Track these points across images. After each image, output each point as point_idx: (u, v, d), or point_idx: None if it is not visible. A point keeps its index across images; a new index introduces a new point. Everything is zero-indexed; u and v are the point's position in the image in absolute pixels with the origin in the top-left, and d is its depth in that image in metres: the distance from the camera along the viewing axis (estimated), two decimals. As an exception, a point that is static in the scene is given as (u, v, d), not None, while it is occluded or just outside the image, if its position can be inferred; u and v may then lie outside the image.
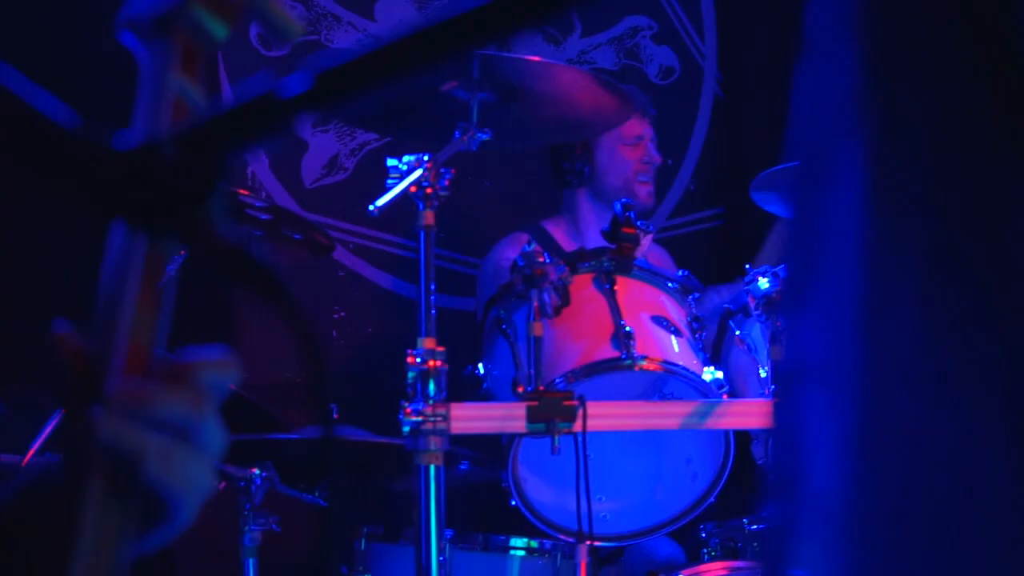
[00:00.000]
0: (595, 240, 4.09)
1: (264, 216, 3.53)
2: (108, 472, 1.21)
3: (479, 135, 3.64)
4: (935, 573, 0.79)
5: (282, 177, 5.24)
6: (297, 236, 3.72)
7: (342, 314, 5.19)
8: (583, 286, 3.82)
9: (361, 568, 3.87)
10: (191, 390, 1.27)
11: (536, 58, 3.77)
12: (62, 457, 1.32)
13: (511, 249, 4.55)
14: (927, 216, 0.78)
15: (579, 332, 3.76)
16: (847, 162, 0.80)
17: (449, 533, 3.51)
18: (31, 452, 1.33)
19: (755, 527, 4.20)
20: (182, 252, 1.09)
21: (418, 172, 3.50)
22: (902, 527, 0.80)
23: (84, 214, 1.07)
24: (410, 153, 3.55)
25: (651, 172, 4.97)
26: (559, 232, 4.78)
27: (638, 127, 4.95)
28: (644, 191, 4.83)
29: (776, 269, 4.06)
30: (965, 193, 0.77)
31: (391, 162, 3.57)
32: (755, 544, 4.15)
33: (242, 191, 4.04)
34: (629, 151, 4.91)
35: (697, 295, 3.98)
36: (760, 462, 4.23)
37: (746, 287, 4.08)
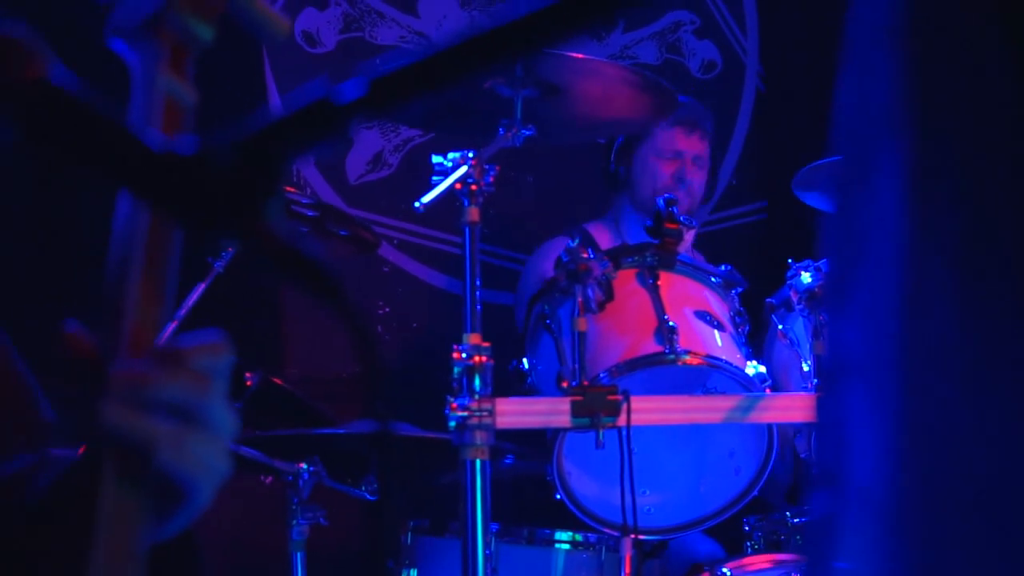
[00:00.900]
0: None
1: (310, 213, 3.54)
2: (120, 458, 1.23)
3: (523, 131, 3.64)
4: (976, 564, 0.81)
5: (327, 174, 5.24)
6: (342, 232, 3.74)
7: (387, 310, 5.20)
8: (627, 281, 3.82)
9: (408, 562, 3.88)
10: (192, 373, 1.27)
11: (579, 55, 3.76)
12: (84, 447, 1.33)
13: (550, 259, 4.53)
14: (965, 215, 0.80)
15: (623, 327, 3.77)
16: (888, 162, 0.82)
17: (495, 527, 3.52)
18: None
19: (798, 520, 4.19)
20: (232, 249, 1.09)
21: (463, 169, 3.50)
22: (944, 519, 0.81)
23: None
24: (454, 150, 3.56)
25: (681, 191, 4.83)
26: (601, 235, 4.75)
27: (679, 141, 4.87)
28: (689, 220, 4.72)
29: (818, 264, 4.06)
30: (1000, 193, 0.79)
31: (436, 159, 3.58)
32: (798, 537, 4.15)
33: (288, 188, 4.06)
34: (664, 164, 4.84)
35: (739, 289, 3.98)
36: (803, 456, 4.22)
37: (789, 281, 4.08)
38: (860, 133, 0.86)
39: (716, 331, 3.84)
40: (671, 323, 3.73)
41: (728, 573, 3.86)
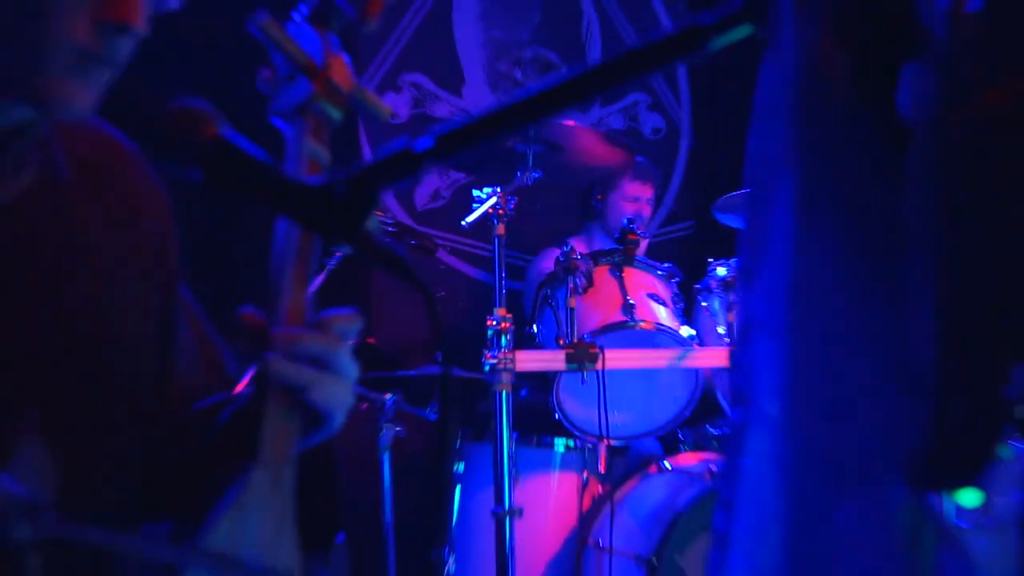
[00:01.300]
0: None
1: (391, 229, 3.54)
2: (279, 395, 1.23)
3: (533, 175, 3.65)
4: (840, 454, 0.81)
5: (402, 203, 5.24)
6: (412, 242, 3.73)
7: (443, 294, 5.19)
8: (602, 273, 3.85)
9: (458, 459, 3.91)
10: (331, 335, 1.26)
11: (571, 122, 3.77)
12: (255, 388, 1.33)
13: (546, 261, 4.57)
14: (837, 224, 0.80)
15: (599, 304, 3.78)
16: (781, 190, 0.81)
17: (515, 435, 3.53)
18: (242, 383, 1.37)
19: (716, 431, 4.21)
20: (340, 252, 1.09)
21: (493, 199, 3.54)
22: (818, 426, 0.81)
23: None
24: (488, 186, 3.59)
25: (645, 217, 4.89)
26: (580, 245, 4.76)
27: (638, 190, 4.86)
28: (644, 232, 4.78)
29: (729, 262, 4.07)
30: (862, 207, 0.79)
31: (476, 192, 3.61)
32: (715, 442, 4.17)
33: (378, 212, 4.06)
34: (628, 205, 4.84)
35: (677, 279, 3.98)
36: (719, 391, 4.24)
37: (709, 273, 4.10)
38: (762, 171, 0.85)
39: (661, 307, 3.84)
40: (631, 301, 3.74)
41: (668, 465, 3.88)
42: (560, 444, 3.93)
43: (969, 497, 0.74)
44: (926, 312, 0.80)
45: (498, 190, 3.54)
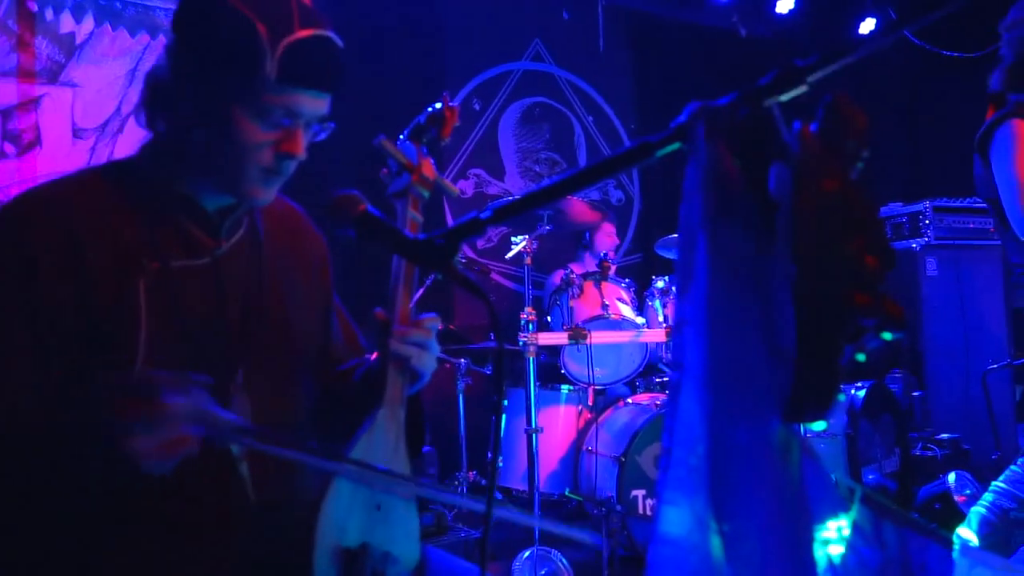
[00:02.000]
0: (591, 270, 4.06)
1: (463, 261, 3.55)
2: (395, 362, 1.22)
3: (547, 227, 3.65)
4: (738, 398, 0.79)
5: (469, 245, 5.24)
6: (476, 269, 3.73)
7: (494, 299, 5.12)
8: (589, 286, 3.81)
9: (504, 398, 3.90)
10: (425, 329, 1.25)
11: (569, 196, 3.75)
12: (377, 357, 1.32)
13: (555, 278, 4.56)
14: (732, 261, 0.79)
15: (587, 304, 3.76)
16: (699, 239, 0.81)
17: (537, 383, 3.52)
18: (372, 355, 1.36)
19: (658, 380, 4.16)
20: (435, 276, 1.08)
21: (524, 242, 3.52)
22: (725, 381, 0.80)
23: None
24: (520, 234, 3.58)
25: (613, 251, 4.83)
26: (578, 268, 4.74)
27: (609, 232, 4.80)
28: (613, 260, 4.73)
29: (667, 277, 4.03)
30: (747, 250, 0.78)
31: (513, 238, 3.60)
32: (658, 387, 4.13)
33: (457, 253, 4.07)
34: (604, 240, 4.79)
35: (634, 288, 3.96)
36: (658, 359, 4.19)
37: (653, 284, 4.07)
38: (687, 228, 0.84)
39: (625, 305, 3.82)
40: (606, 302, 3.71)
41: (630, 402, 3.85)
42: (565, 388, 3.90)
43: (818, 425, 0.73)
44: (788, 311, 0.79)
45: (526, 236, 3.53)
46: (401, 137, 1.38)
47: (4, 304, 1.07)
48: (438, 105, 1.39)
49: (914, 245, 4.84)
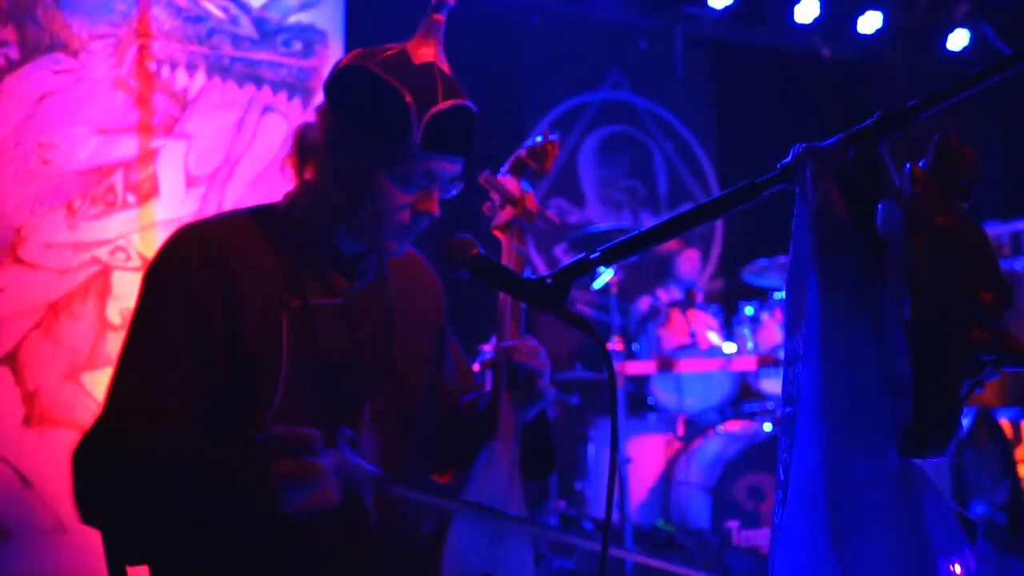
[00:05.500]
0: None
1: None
2: (510, 376, 1.25)
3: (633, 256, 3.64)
4: (854, 432, 0.80)
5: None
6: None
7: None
8: (675, 313, 3.77)
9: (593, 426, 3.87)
10: (534, 349, 1.27)
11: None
12: (492, 388, 1.31)
13: (641, 304, 4.32)
14: (843, 296, 0.81)
15: (674, 333, 3.72)
16: (810, 277, 0.83)
17: (625, 412, 3.47)
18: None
19: (748, 409, 4.04)
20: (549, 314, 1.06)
21: (611, 273, 3.52)
22: (840, 415, 0.79)
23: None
24: (607, 266, 3.57)
25: (696, 276, 4.56)
26: (663, 294, 4.55)
27: (691, 255, 4.49)
28: (699, 287, 4.37)
29: (752, 303, 3.94)
30: (858, 286, 0.79)
31: (599, 268, 3.59)
32: (750, 416, 3.99)
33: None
34: (690, 266, 4.43)
35: (721, 315, 3.88)
36: (751, 387, 4.07)
37: (741, 311, 3.98)
38: (797, 267, 0.86)
39: (712, 332, 3.75)
40: (694, 331, 3.67)
41: (721, 430, 3.72)
42: (653, 417, 3.88)
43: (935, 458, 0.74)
44: (903, 346, 0.80)
45: (612, 267, 3.54)
46: (501, 170, 1.41)
47: (171, 334, 1.13)
48: (539, 139, 1.40)
49: (1016, 266, 4.62)
